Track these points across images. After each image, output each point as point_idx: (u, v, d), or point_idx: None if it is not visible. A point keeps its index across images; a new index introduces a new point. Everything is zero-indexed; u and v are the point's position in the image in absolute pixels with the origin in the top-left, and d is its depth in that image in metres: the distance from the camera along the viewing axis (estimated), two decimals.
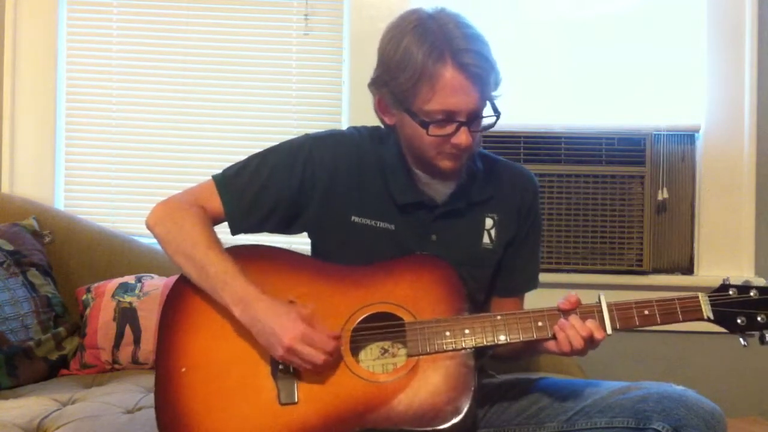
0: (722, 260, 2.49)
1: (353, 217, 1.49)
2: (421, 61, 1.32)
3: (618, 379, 1.45)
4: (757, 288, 1.36)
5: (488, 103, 1.39)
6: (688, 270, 2.52)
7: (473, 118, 1.37)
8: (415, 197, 1.49)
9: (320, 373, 1.34)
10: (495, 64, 1.37)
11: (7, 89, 2.53)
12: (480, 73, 1.34)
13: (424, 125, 1.36)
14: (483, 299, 1.57)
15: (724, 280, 1.38)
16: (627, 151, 2.47)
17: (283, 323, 1.32)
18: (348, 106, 2.55)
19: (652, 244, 2.47)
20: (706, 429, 1.23)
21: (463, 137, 1.36)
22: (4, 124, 2.54)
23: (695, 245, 2.52)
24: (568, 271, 2.49)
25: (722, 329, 1.37)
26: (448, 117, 1.36)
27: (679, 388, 1.32)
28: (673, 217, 2.53)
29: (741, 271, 2.46)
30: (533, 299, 1.59)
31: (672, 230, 2.53)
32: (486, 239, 1.53)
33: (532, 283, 1.62)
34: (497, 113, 1.40)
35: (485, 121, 1.41)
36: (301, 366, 1.33)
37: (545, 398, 1.42)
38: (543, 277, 1.67)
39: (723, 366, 2.49)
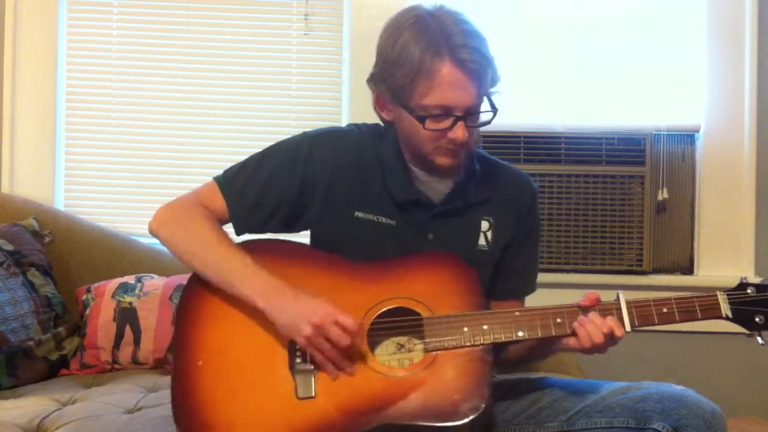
0: (722, 260, 2.49)
1: (356, 213, 1.49)
2: (419, 56, 1.33)
3: (618, 379, 1.45)
4: None
5: (486, 100, 1.40)
6: (688, 270, 2.52)
7: (470, 113, 1.38)
8: (412, 195, 1.49)
9: (339, 366, 1.34)
10: (492, 60, 1.38)
11: (7, 89, 2.53)
12: (477, 69, 1.35)
13: (421, 119, 1.37)
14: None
15: (742, 279, 1.38)
16: (627, 151, 2.47)
17: (311, 306, 1.32)
18: (348, 106, 2.55)
19: (652, 244, 2.47)
20: (706, 429, 1.23)
21: (459, 131, 1.37)
22: (4, 124, 2.54)
23: (695, 245, 2.52)
24: (568, 271, 2.49)
25: (720, 330, 1.37)
26: (445, 112, 1.36)
27: (679, 388, 1.32)
28: (673, 217, 2.53)
29: (741, 271, 2.45)
30: (533, 300, 1.59)
31: (672, 230, 2.53)
32: (482, 241, 1.53)
33: (530, 288, 1.62)
34: (494, 109, 1.40)
35: (482, 117, 1.41)
36: (324, 351, 1.31)
37: (545, 398, 1.42)
38: (543, 277, 1.67)
39: (723, 366, 2.49)
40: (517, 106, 2.43)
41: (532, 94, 2.53)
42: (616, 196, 2.47)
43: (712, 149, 2.50)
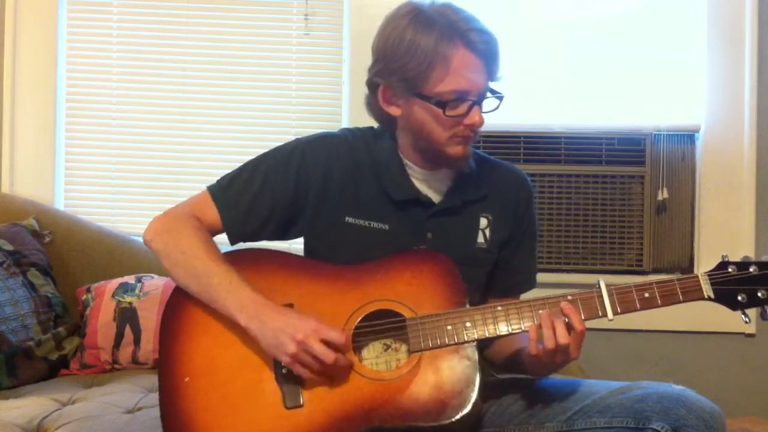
0: None
1: (347, 218, 1.49)
2: (433, 44, 1.36)
3: (618, 379, 1.44)
4: (757, 263, 1.35)
5: (490, 91, 1.43)
6: (688, 270, 2.52)
7: (482, 97, 1.41)
8: (411, 194, 1.49)
9: (325, 375, 1.34)
10: (496, 38, 1.41)
11: (7, 89, 2.54)
12: (488, 49, 1.39)
13: (441, 105, 1.38)
14: (478, 300, 1.57)
15: (723, 257, 1.37)
16: (627, 151, 2.47)
17: (293, 322, 1.32)
18: (348, 106, 2.55)
19: (652, 244, 2.47)
20: (705, 429, 1.23)
21: (476, 116, 1.40)
22: (4, 124, 2.54)
23: (695, 245, 2.51)
24: (568, 271, 2.49)
25: (719, 330, 1.37)
26: (460, 96, 1.39)
27: (678, 387, 1.31)
28: (673, 217, 2.53)
29: None
30: None
31: (672, 230, 2.53)
32: (480, 239, 1.54)
33: (530, 283, 1.62)
34: (499, 95, 1.43)
35: (492, 104, 1.44)
36: (309, 366, 1.32)
37: (545, 398, 1.41)
38: (543, 277, 1.67)
39: (723, 366, 2.49)
40: (517, 106, 2.42)
41: (532, 94, 2.53)
42: (616, 196, 2.48)
43: (712, 149, 2.50)
